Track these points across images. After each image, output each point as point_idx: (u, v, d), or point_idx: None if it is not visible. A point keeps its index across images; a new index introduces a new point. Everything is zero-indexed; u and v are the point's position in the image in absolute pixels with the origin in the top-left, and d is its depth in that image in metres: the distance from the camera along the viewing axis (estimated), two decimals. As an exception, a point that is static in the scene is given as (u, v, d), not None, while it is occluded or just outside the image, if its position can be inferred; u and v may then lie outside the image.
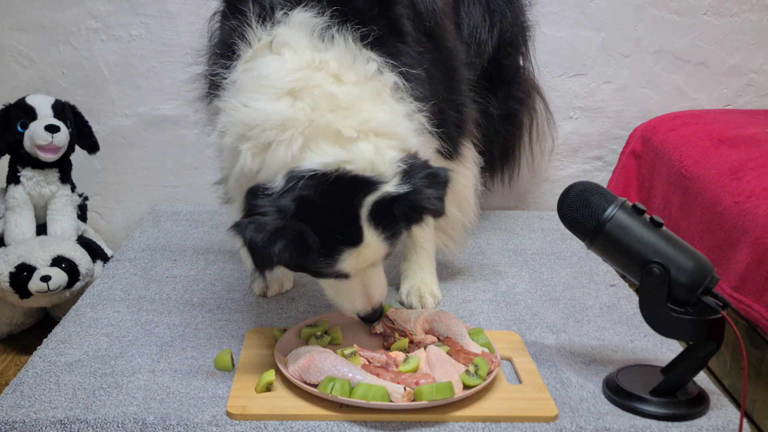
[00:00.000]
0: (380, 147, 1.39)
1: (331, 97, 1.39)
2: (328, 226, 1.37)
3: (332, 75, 1.42)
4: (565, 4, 2.61)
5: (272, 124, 1.38)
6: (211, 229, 2.41)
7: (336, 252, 1.39)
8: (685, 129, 2.40)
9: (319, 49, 1.44)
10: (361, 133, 1.39)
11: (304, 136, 1.37)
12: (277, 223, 1.32)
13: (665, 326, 1.41)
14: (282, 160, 1.37)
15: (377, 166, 1.38)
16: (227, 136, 1.43)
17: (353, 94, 1.41)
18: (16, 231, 2.28)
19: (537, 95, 2.46)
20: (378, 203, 1.38)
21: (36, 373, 1.53)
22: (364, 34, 1.46)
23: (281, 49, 1.44)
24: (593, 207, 1.44)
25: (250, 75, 1.43)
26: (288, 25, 1.45)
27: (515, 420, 1.39)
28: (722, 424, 1.40)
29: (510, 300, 1.92)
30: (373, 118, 1.40)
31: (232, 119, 1.42)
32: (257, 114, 1.39)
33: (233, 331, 1.72)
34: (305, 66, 1.41)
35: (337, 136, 1.38)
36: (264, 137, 1.38)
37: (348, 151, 1.37)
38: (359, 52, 1.45)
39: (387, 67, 1.48)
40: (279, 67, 1.41)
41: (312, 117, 1.37)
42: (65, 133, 2.30)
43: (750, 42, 2.67)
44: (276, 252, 1.30)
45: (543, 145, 2.59)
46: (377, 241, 1.42)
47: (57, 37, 2.57)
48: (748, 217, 1.85)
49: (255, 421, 1.37)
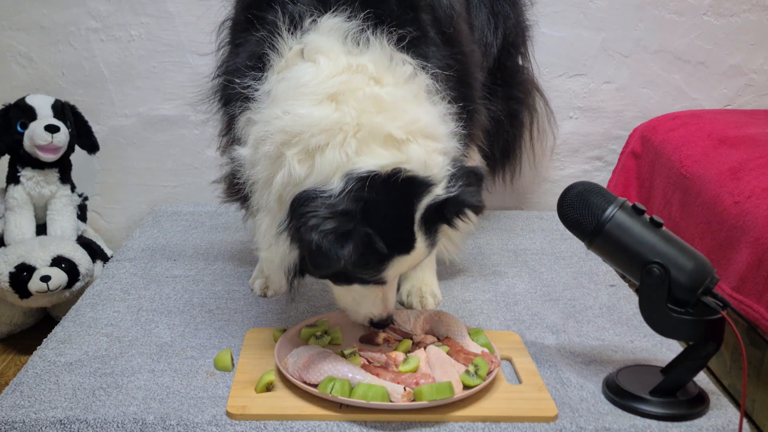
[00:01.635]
0: (429, 149, 1.39)
1: (376, 99, 1.38)
2: (388, 232, 1.36)
3: (371, 78, 1.41)
4: (565, 4, 2.61)
5: (320, 128, 1.35)
6: (211, 229, 2.41)
7: (389, 257, 1.38)
8: (685, 129, 2.40)
9: (354, 53, 1.43)
10: (410, 135, 1.37)
11: (356, 139, 1.35)
12: (344, 225, 1.29)
13: (665, 326, 1.41)
14: (336, 163, 1.34)
15: (430, 167, 1.38)
16: (266, 145, 1.40)
17: (396, 95, 1.40)
18: (16, 231, 2.28)
19: (537, 94, 2.46)
20: (430, 207, 1.38)
21: (36, 373, 1.53)
22: (400, 37, 1.45)
23: (315, 56, 1.42)
24: (593, 207, 1.44)
25: (285, 84, 1.42)
26: (318, 31, 1.44)
27: (515, 420, 1.39)
28: (722, 424, 1.40)
29: (510, 300, 1.92)
30: (419, 119, 1.40)
31: (271, 128, 1.39)
32: (302, 120, 1.36)
33: (233, 331, 1.72)
34: (343, 70, 1.40)
35: (388, 139, 1.36)
36: (313, 142, 1.35)
37: (402, 153, 1.36)
38: (395, 55, 1.45)
39: (421, 70, 1.47)
40: (316, 73, 1.40)
41: (360, 120, 1.36)
42: (65, 133, 2.30)
43: (750, 42, 2.67)
44: (345, 254, 1.28)
45: (544, 144, 2.59)
46: (422, 248, 1.42)
47: (57, 37, 2.57)
48: (748, 217, 1.85)
49: (255, 421, 1.37)
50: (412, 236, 1.39)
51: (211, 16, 1.83)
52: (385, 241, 1.36)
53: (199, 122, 2.58)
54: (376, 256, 1.37)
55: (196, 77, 2.55)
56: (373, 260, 1.38)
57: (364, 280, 1.46)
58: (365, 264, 1.38)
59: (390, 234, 1.36)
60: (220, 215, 2.51)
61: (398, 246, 1.39)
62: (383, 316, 1.53)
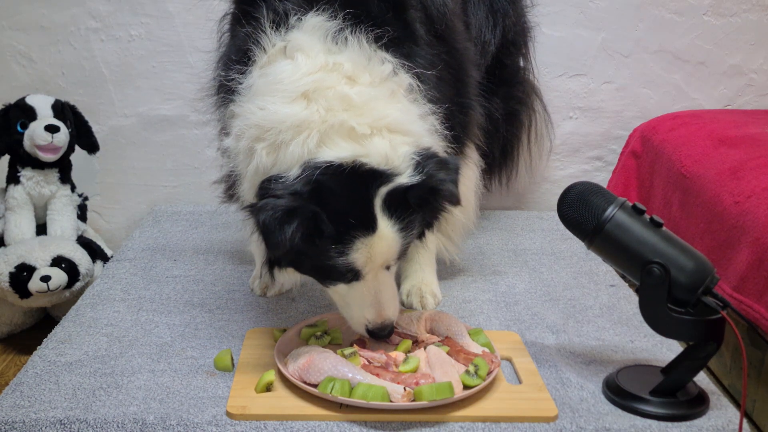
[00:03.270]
0: (394, 142, 1.41)
1: (344, 98, 1.41)
2: (342, 213, 1.37)
3: (346, 76, 1.44)
4: (565, 4, 2.61)
5: (287, 126, 1.39)
6: (211, 229, 2.41)
7: (349, 240, 1.39)
8: (685, 129, 2.40)
9: (333, 51, 1.45)
10: (375, 130, 1.40)
11: (319, 134, 1.39)
12: (290, 203, 1.33)
13: (665, 326, 1.41)
14: (298, 154, 1.38)
15: (392, 159, 1.40)
16: (243, 139, 1.45)
17: (366, 94, 1.43)
18: (16, 231, 2.28)
19: (536, 96, 2.46)
20: (391, 193, 1.39)
21: (36, 373, 1.53)
22: (378, 36, 1.48)
23: (295, 53, 1.45)
24: (593, 207, 1.44)
25: (265, 80, 1.45)
26: (301, 29, 1.47)
27: (515, 420, 1.39)
28: (722, 425, 1.40)
29: (510, 300, 1.92)
30: (387, 116, 1.42)
31: (247, 122, 1.44)
32: (272, 116, 1.41)
33: (233, 331, 1.72)
34: (318, 69, 1.43)
35: (351, 133, 1.39)
36: (279, 138, 1.40)
37: (363, 146, 1.39)
38: (374, 54, 1.47)
39: (402, 69, 1.49)
40: (293, 71, 1.43)
41: (326, 117, 1.39)
42: (65, 133, 2.30)
43: (750, 42, 2.67)
44: (288, 233, 1.30)
45: (541, 145, 2.60)
46: (391, 232, 1.42)
47: (57, 37, 2.57)
48: (748, 217, 1.85)
49: (255, 421, 1.37)
50: (372, 218, 1.39)
51: (212, 16, 1.83)
52: (341, 223, 1.37)
53: (199, 122, 2.58)
54: (330, 237, 1.37)
55: (196, 77, 2.56)
56: (328, 243, 1.38)
57: (339, 272, 1.44)
58: (321, 249, 1.38)
59: (346, 216, 1.37)
60: (220, 215, 2.51)
61: (358, 227, 1.38)
62: (377, 321, 1.49)
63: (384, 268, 1.48)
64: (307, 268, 1.50)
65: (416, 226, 1.48)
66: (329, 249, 1.39)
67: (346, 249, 1.40)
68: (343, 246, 1.39)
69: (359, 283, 1.47)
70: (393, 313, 1.51)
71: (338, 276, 1.46)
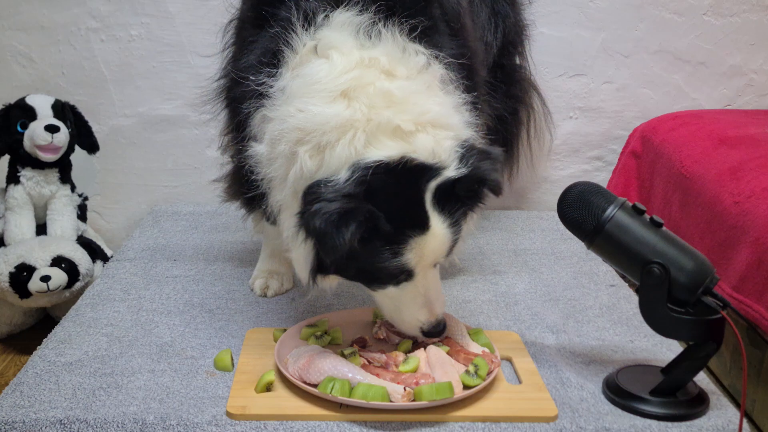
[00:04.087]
0: (438, 137, 1.40)
1: (385, 94, 1.39)
2: (396, 212, 1.36)
3: (383, 71, 1.42)
4: (565, 4, 2.61)
5: (331, 126, 1.37)
6: (211, 229, 2.41)
7: (403, 239, 1.37)
8: (685, 129, 2.40)
9: (367, 46, 1.44)
10: (419, 126, 1.39)
11: (366, 134, 1.37)
12: (346, 206, 1.30)
13: (665, 326, 1.41)
14: (345, 156, 1.36)
15: (438, 154, 1.38)
16: (282, 144, 1.41)
17: (407, 88, 1.41)
18: (15, 231, 2.28)
19: (534, 93, 2.46)
20: (440, 187, 1.38)
21: (36, 373, 1.53)
22: (412, 27, 1.46)
23: (328, 51, 1.43)
24: (593, 207, 1.44)
25: (300, 81, 1.43)
26: (331, 27, 1.46)
27: (515, 420, 1.39)
28: (722, 424, 1.40)
29: (510, 300, 1.92)
30: (428, 111, 1.41)
31: (286, 126, 1.41)
32: (315, 118, 1.38)
33: (233, 331, 1.72)
34: (355, 65, 1.41)
35: (396, 131, 1.38)
36: (324, 140, 1.37)
37: (409, 143, 1.38)
38: (408, 46, 1.45)
39: (434, 60, 1.48)
40: (329, 69, 1.41)
41: (370, 115, 1.37)
42: (65, 133, 2.30)
43: (750, 42, 2.67)
44: (348, 235, 1.28)
45: (541, 142, 2.59)
46: (442, 228, 1.41)
47: (57, 37, 2.57)
48: (748, 217, 1.85)
49: (255, 421, 1.37)
50: (425, 215, 1.38)
51: (212, 17, 1.83)
52: (395, 222, 1.36)
53: (199, 122, 2.58)
54: (386, 237, 1.36)
55: (196, 77, 2.56)
56: (383, 242, 1.37)
57: (390, 274, 1.42)
58: (376, 247, 1.37)
59: (399, 215, 1.36)
60: (220, 215, 2.51)
61: (411, 226, 1.38)
62: (431, 320, 1.49)
63: (432, 266, 1.47)
64: (355, 273, 1.47)
65: (463, 221, 1.47)
66: (384, 250, 1.38)
67: (400, 249, 1.38)
68: (397, 246, 1.38)
69: (410, 283, 1.45)
70: (442, 307, 1.51)
71: (388, 278, 1.44)
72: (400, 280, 1.45)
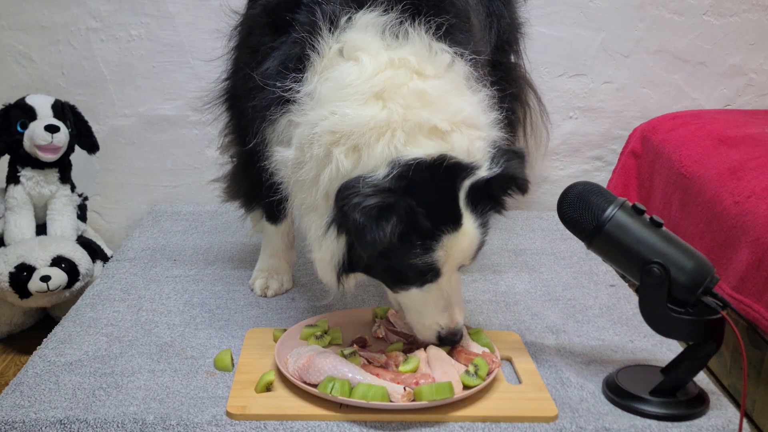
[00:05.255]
0: (472, 138, 1.41)
1: (420, 94, 1.40)
2: (432, 208, 1.36)
3: (414, 71, 1.42)
4: (565, 4, 2.61)
5: (369, 128, 1.37)
6: (211, 229, 2.41)
7: (437, 236, 1.38)
8: (685, 129, 2.40)
9: (394, 47, 1.44)
10: (454, 126, 1.40)
11: (405, 133, 1.37)
12: (386, 200, 1.30)
13: (665, 326, 1.41)
14: (385, 154, 1.36)
15: (473, 153, 1.40)
16: (314, 148, 1.41)
17: (440, 88, 1.42)
18: (15, 231, 2.28)
19: (530, 90, 2.46)
20: (474, 186, 1.40)
21: (36, 373, 1.53)
22: (438, 25, 1.46)
23: (355, 53, 1.43)
24: (593, 207, 1.44)
25: (330, 85, 1.42)
26: (355, 29, 1.45)
27: (515, 420, 1.39)
28: (722, 425, 1.40)
29: (510, 300, 1.92)
30: (461, 110, 1.42)
31: (319, 129, 1.40)
32: (350, 120, 1.38)
33: (233, 331, 1.72)
34: (385, 66, 1.41)
35: (433, 130, 1.38)
36: (362, 140, 1.37)
37: (447, 142, 1.39)
38: (433, 44, 1.45)
39: (459, 57, 1.48)
40: (359, 72, 1.41)
41: (407, 116, 1.38)
42: (65, 133, 2.30)
43: (750, 42, 2.67)
44: (388, 230, 1.28)
45: (538, 140, 2.59)
46: (473, 227, 1.42)
47: (57, 37, 2.57)
48: (748, 217, 1.85)
49: (255, 421, 1.37)
50: (458, 213, 1.39)
51: (212, 17, 1.83)
52: (430, 217, 1.36)
53: (199, 122, 2.59)
54: (422, 233, 1.37)
55: (196, 77, 2.56)
56: (418, 238, 1.37)
57: (418, 272, 1.42)
58: (410, 242, 1.37)
59: (435, 210, 1.37)
60: (220, 215, 2.51)
61: (445, 222, 1.38)
62: (451, 326, 1.49)
63: (457, 269, 1.47)
64: (382, 271, 1.47)
65: (490, 221, 1.48)
66: (417, 246, 1.38)
67: (432, 245, 1.39)
68: (430, 242, 1.38)
69: (434, 285, 1.45)
70: (462, 315, 1.51)
71: (415, 277, 1.44)
72: (425, 281, 1.45)
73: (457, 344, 1.55)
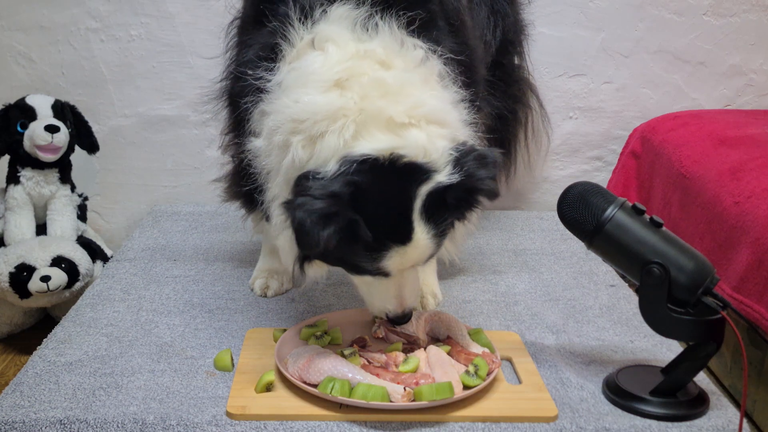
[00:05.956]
0: (432, 135, 1.36)
1: (379, 83, 1.37)
2: (380, 220, 1.33)
3: (379, 62, 1.41)
4: (565, 4, 2.61)
5: (323, 115, 1.35)
6: (211, 229, 2.41)
7: (383, 248, 1.36)
8: (685, 129, 2.40)
9: (363, 39, 1.43)
10: (413, 119, 1.36)
11: (356, 124, 1.34)
12: (329, 207, 1.28)
13: (665, 327, 1.41)
14: (334, 147, 1.34)
15: (430, 153, 1.34)
16: (277, 135, 1.41)
17: (402, 78, 1.39)
18: (15, 231, 2.28)
19: (532, 93, 2.46)
20: (431, 194, 1.34)
21: (36, 373, 1.53)
22: (409, 21, 1.46)
23: (324, 44, 1.43)
24: (593, 207, 1.44)
25: (296, 74, 1.42)
26: (328, 21, 1.46)
27: (515, 420, 1.39)
28: (722, 425, 1.40)
29: (510, 300, 1.92)
30: (424, 104, 1.38)
31: (282, 117, 1.40)
32: (307, 107, 1.37)
33: (233, 331, 1.72)
34: (350, 57, 1.41)
35: (388, 123, 1.35)
36: (315, 129, 1.36)
37: (401, 137, 1.34)
38: (405, 39, 1.45)
39: (432, 54, 1.47)
40: (324, 61, 1.41)
41: (362, 105, 1.35)
42: (65, 133, 2.30)
43: (750, 42, 2.67)
44: (324, 236, 1.27)
45: (539, 142, 2.59)
46: (425, 239, 1.38)
47: (57, 37, 2.57)
48: (748, 218, 1.85)
49: (255, 421, 1.37)
50: (409, 226, 1.35)
51: (212, 17, 1.83)
52: (378, 229, 1.33)
53: (199, 122, 2.59)
54: (366, 245, 1.35)
55: (195, 77, 2.56)
56: (361, 249, 1.35)
57: (367, 271, 1.43)
58: (353, 252, 1.36)
59: (383, 222, 1.34)
60: (220, 215, 2.51)
61: (393, 236, 1.36)
62: (398, 312, 1.50)
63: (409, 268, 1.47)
64: (335, 262, 1.47)
65: (450, 230, 1.45)
66: (362, 255, 1.37)
67: (378, 257, 1.37)
68: (376, 253, 1.37)
69: (385, 279, 1.45)
70: (414, 301, 1.51)
71: (365, 273, 1.45)
72: (377, 276, 1.45)
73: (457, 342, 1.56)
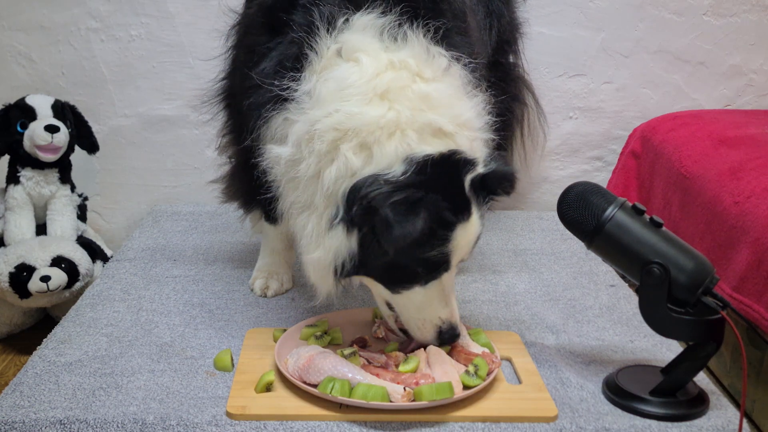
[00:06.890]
0: (470, 138, 1.47)
1: (425, 97, 1.43)
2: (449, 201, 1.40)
3: (415, 74, 1.45)
4: (564, 4, 2.61)
5: (378, 125, 1.39)
6: (211, 229, 2.41)
7: (450, 227, 1.41)
8: (685, 129, 2.40)
9: (392, 49, 1.46)
10: (458, 128, 1.44)
11: (415, 132, 1.41)
12: (414, 194, 1.34)
13: (665, 326, 1.41)
14: (398, 152, 1.39)
15: (474, 151, 1.46)
16: (316, 143, 1.42)
17: (442, 91, 1.46)
18: (15, 231, 2.28)
19: (528, 91, 2.46)
20: (474, 180, 1.44)
21: (36, 373, 1.53)
22: (435, 29, 1.48)
23: (354, 54, 1.44)
24: (593, 207, 1.44)
25: (331, 85, 1.44)
26: (353, 30, 1.47)
27: (515, 420, 1.39)
28: (722, 425, 1.40)
29: (510, 300, 1.92)
30: (462, 114, 1.46)
31: (321, 126, 1.41)
32: (357, 118, 1.40)
33: (233, 331, 1.72)
34: (386, 68, 1.43)
35: (438, 132, 1.42)
36: (371, 138, 1.40)
37: (452, 141, 1.43)
38: (431, 48, 1.48)
39: (455, 61, 1.51)
40: (360, 73, 1.43)
41: (414, 117, 1.41)
42: (65, 133, 2.30)
43: (750, 42, 2.67)
44: (418, 224, 1.32)
45: (535, 139, 2.59)
46: (477, 218, 1.46)
47: (57, 37, 2.57)
48: (748, 217, 1.85)
49: (255, 421, 1.37)
50: (469, 204, 1.44)
51: (212, 17, 1.83)
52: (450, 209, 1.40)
53: (199, 122, 2.58)
54: (443, 224, 1.40)
55: (196, 77, 2.56)
56: (440, 230, 1.40)
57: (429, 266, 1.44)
58: (433, 235, 1.40)
59: (450, 203, 1.41)
60: (220, 215, 2.51)
61: (457, 212, 1.42)
62: (451, 320, 1.50)
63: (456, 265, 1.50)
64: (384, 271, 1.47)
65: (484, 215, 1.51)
66: (436, 238, 1.40)
67: (449, 236, 1.41)
68: (448, 233, 1.41)
69: (436, 281, 1.47)
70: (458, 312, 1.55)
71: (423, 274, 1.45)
72: (431, 278, 1.46)
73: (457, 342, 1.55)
